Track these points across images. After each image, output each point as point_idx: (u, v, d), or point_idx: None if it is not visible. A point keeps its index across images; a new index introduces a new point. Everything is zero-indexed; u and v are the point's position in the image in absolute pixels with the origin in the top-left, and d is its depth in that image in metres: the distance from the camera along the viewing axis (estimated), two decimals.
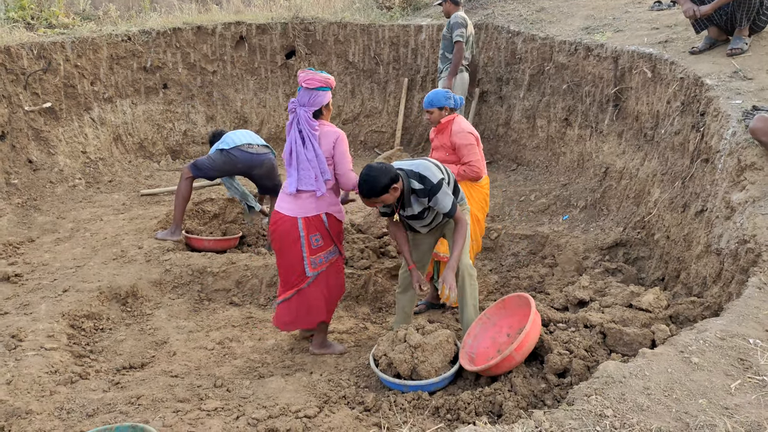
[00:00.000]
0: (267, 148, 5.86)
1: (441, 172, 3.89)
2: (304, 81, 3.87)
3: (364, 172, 3.66)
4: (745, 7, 4.94)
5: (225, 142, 5.71)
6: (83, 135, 7.52)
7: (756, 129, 3.74)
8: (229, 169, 5.77)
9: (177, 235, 5.78)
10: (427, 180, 3.75)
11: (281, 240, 4.01)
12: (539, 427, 2.38)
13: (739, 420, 2.33)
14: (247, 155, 5.66)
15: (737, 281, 3.50)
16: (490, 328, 3.74)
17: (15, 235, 5.87)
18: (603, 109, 6.24)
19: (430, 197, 3.78)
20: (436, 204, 3.80)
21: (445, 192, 3.78)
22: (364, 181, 3.64)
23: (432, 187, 3.74)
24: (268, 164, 5.79)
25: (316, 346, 4.28)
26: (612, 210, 5.70)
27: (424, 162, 3.89)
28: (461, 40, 7.22)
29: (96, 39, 7.67)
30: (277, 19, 9.04)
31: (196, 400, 3.45)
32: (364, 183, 3.64)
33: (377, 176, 3.62)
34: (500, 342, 3.64)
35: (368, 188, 3.64)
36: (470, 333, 3.76)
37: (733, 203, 3.81)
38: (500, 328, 3.70)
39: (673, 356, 2.76)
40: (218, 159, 5.68)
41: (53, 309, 4.44)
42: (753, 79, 4.67)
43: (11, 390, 3.45)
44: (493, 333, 3.71)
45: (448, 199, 3.80)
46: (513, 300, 3.69)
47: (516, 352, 3.22)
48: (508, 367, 3.30)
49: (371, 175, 3.63)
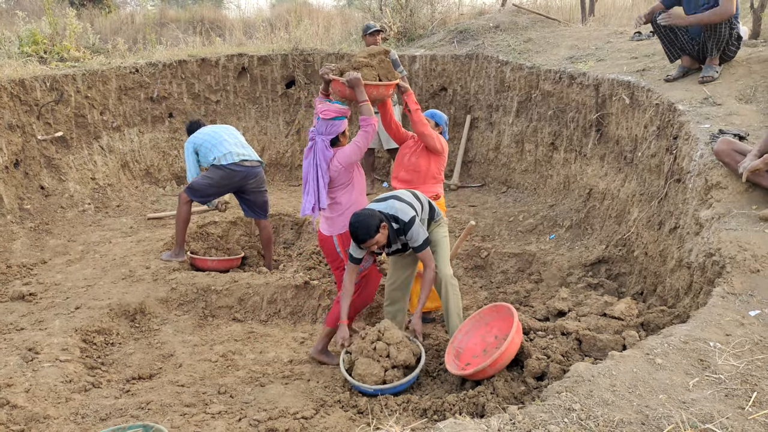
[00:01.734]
0: (258, 162, 6.12)
1: (412, 207, 4.17)
2: (321, 112, 4.32)
3: (352, 220, 3.95)
4: (715, 38, 5.28)
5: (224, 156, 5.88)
6: (93, 162, 7.85)
7: (719, 151, 4.04)
8: (226, 184, 5.96)
9: (181, 256, 6.06)
10: (400, 220, 4.08)
11: (328, 255, 4.62)
12: (513, 420, 2.63)
13: (694, 412, 2.58)
14: (243, 169, 5.92)
15: (705, 292, 3.76)
16: (481, 327, 4.03)
17: (28, 257, 6.16)
18: (586, 134, 6.57)
19: (406, 233, 4.09)
20: (410, 238, 4.11)
21: (418, 227, 4.09)
22: (357, 228, 3.92)
23: (405, 225, 4.07)
24: (260, 177, 6.09)
25: (316, 350, 4.56)
26: (596, 229, 5.99)
27: (395, 203, 4.16)
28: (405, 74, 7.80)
29: (105, 71, 8.04)
30: (277, 51, 9.43)
31: (202, 405, 3.71)
32: (358, 229, 3.92)
33: (366, 220, 3.93)
34: (488, 342, 3.91)
35: (364, 232, 3.91)
36: (462, 328, 4.05)
37: (701, 220, 4.08)
38: (491, 328, 3.98)
39: (639, 358, 3.01)
40: (216, 175, 5.89)
41: (66, 325, 4.71)
42: (722, 104, 5.00)
43: (30, 397, 3.71)
44: (484, 332, 4.00)
45: (421, 235, 4.10)
46: (504, 308, 3.96)
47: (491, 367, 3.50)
48: (489, 374, 3.57)
49: (360, 220, 3.93)
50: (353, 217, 3.98)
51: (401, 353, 3.93)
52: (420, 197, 4.36)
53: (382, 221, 3.99)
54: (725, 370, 2.84)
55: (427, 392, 3.85)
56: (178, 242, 6.08)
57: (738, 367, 2.84)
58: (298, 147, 9.45)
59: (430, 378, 4.08)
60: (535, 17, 9.63)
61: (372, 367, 3.86)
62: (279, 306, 5.52)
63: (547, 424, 2.55)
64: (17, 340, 4.43)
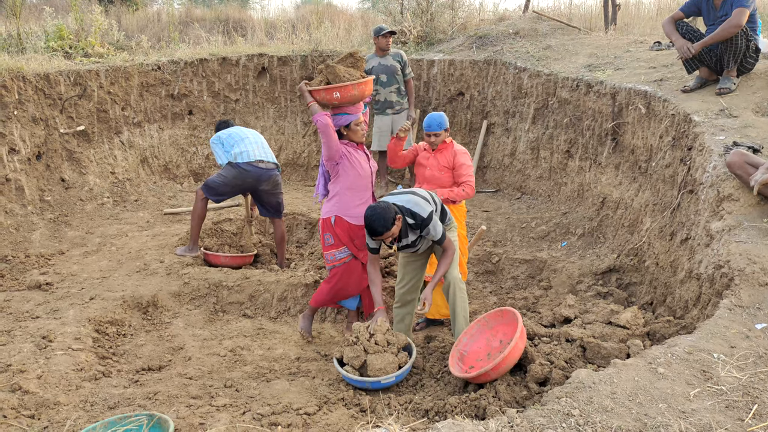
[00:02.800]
0: (275, 165, 6.19)
1: (429, 203, 4.25)
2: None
3: (368, 213, 4.02)
4: (732, 50, 5.26)
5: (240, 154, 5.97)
6: (113, 157, 7.99)
7: (732, 163, 4.03)
8: (239, 184, 6.03)
9: (194, 251, 6.15)
10: (418, 216, 4.13)
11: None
12: (511, 423, 2.65)
13: (693, 422, 2.58)
14: (257, 170, 5.99)
15: (713, 303, 3.75)
16: (486, 331, 4.06)
17: (47, 247, 6.29)
18: (602, 143, 6.56)
19: (422, 229, 4.14)
20: (428, 234, 4.17)
21: (435, 222, 4.15)
22: (373, 221, 3.98)
23: (423, 221, 4.12)
24: (274, 180, 6.14)
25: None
26: (608, 238, 5.97)
27: (413, 197, 4.23)
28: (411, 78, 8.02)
29: (128, 68, 8.19)
30: (297, 52, 9.52)
31: (208, 398, 3.78)
32: (375, 222, 3.98)
33: (383, 213, 3.98)
34: (492, 346, 3.94)
35: (381, 224, 3.97)
36: (467, 332, 4.09)
37: (712, 231, 4.07)
38: (495, 332, 4.02)
39: (641, 366, 3.01)
40: (229, 174, 5.97)
41: (80, 315, 4.80)
42: (738, 116, 4.97)
43: (41, 384, 3.80)
44: (489, 336, 4.03)
45: (439, 228, 4.18)
46: (509, 313, 3.99)
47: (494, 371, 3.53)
48: (492, 377, 3.59)
49: (377, 212, 3.99)
50: (369, 210, 4.04)
51: (398, 336, 4.20)
52: (435, 198, 4.43)
53: (397, 213, 4.06)
54: (727, 381, 2.83)
55: (430, 393, 3.88)
56: (192, 238, 6.17)
57: (740, 380, 2.83)
58: (315, 147, 9.52)
59: (434, 380, 4.11)
60: (556, 24, 9.61)
61: (386, 358, 4.00)
62: (289, 304, 5.58)
63: (545, 428, 2.57)
64: (32, 328, 4.54)
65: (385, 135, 8.02)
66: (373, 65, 7.78)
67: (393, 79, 7.83)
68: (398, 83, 7.86)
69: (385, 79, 7.81)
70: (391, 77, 7.82)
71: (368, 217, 4.02)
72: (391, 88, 7.86)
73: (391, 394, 3.94)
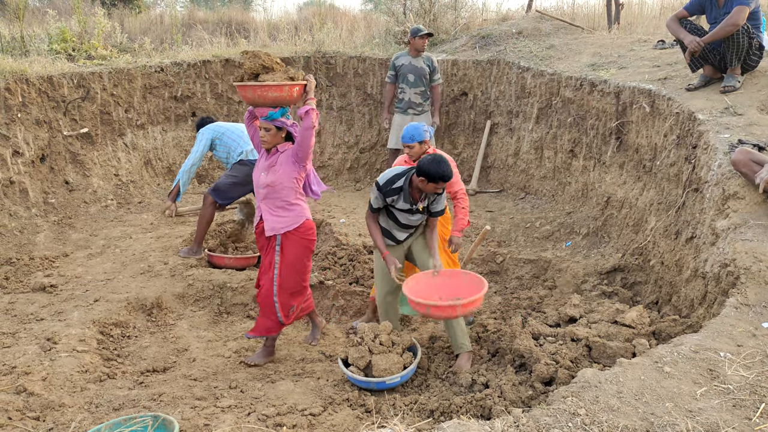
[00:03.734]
0: None
1: None
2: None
3: (437, 161, 3.96)
4: (734, 48, 5.24)
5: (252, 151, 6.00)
6: (116, 159, 8.00)
7: (737, 161, 4.01)
8: (250, 182, 5.98)
9: (198, 253, 6.14)
10: None
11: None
12: (517, 423, 2.64)
13: (700, 421, 2.57)
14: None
15: (719, 302, 3.73)
16: (431, 280, 4.26)
17: (51, 249, 6.30)
18: (606, 142, 6.54)
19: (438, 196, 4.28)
20: (437, 200, 4.26)
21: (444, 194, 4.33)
22: (446, 167, 3.97)
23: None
24: None
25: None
26: (613, 237, 5.95)
27: None
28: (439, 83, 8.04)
29: (131, 70, 8.20)
30: (300, 53, 9.52)
31: (212, 399, 3.77)
32: (447, 168, 3.97)
33: (446, 161, 4.03)
34: (439, 295, 4.14)
35: (450, 171, 4.01)
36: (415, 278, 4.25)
37: (718, 230, 4.05)
38: (448, 288, 4.19)
39: (647, 366, 3.00)
40: (240, 172, 5.98)
41: (85, 317, 4.81)
42: (743, 114, 4.95)
43: (46, 386, 3.80)
44: (433, 285, 4.21)
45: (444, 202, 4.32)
46: (474, 278, 4.15)
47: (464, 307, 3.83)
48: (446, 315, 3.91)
49: (443, 160, 4.00)
50: (436, 160, 3.97)
51: (402, 337, 4.20)
52: None
53: None
54: (734, 380, 2.82)
55: (435, 393, 3.87)
56: (197, 240, 6.17)
57: (747, 378, 2.82)
58: (317, 149, 9.53)
59: (439, 380, 4.10)
60: (559, 24, 9.60)
61: (390, 359, 3.99)
62: None
63: (551, 428, 2.56)
64: (37, 330, 4.54)
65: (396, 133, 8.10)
66: (404, 63, 7.90)
67: (420, 81, 7.90)
68: (424, 86, 7.93)
69: (413, 79, 7.88)
70: (419, 79, 7.89)
71: (439, 163, 3.97)
72: (417, 90, 7.92)
73: (396, 394, 3.93)
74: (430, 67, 7.89)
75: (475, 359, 4.26)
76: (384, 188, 4.21)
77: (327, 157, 9.55)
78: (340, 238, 6.51)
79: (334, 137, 9.57)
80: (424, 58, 7.89)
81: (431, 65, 7.90)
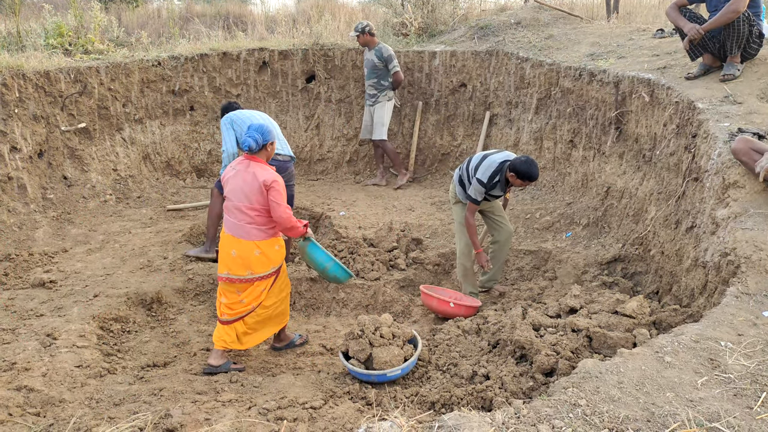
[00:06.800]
0: (290, 157, 6.11)
1: None
2: None
3: (530, 162, 4.89)
4: (734, 36, 5.21)
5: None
6: (114, 154, 7.98)
7: (737, 149, 3.99)
8: None
9: (211, 252, 5.97)
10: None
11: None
12: (518, 413, 2.63)
13: (701, 410, 2.56)
14: (277, 163, 5.90)
15: (719, 291, 3.72)
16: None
17: (50, 245, 6.29)
18: (605, 132, 6.51)
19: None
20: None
21: None
22: (537, 169, 4.91)
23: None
24: (290, 171, 6.09)
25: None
26: (613, 227, 5.94)
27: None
28: (398, 70, 8.39)
29: (128, 64, 8.16)
30: (298, 46, 9.48)
31: (213, 393, 3.77)
32: (537, 170, 4.91)
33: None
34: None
35: (537, 174, 4.94)
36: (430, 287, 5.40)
37: (718, 219, 4.03)
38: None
39: (648, 356, 2.99)
40: None
41: (84, 312, 4.80)
42: (742, 103, 4.92)
43: (47, 381, 3.80)
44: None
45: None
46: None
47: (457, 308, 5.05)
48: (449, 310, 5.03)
49: (536, 165, 4.92)
50: (529, 161, 4.89)
51: (402, 329, 4.22)
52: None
53: None
54: (735, 369, 2.81)
55: (436, 386, 3.86)
56: (209, 237, 6.02)
57: (749, 367, 2.81)
58: (317, 142, 9.50)
59: (440, 372, 4.09)
60: (557, 14, 9.54)
61: (391, 351, 4.00)
62: (294, 298, 5.57)
63: (551, 418, 2.55)
64: (36, 326, 4.54)
65: (367, 126, 8.71)
66: (364, 59, 8.64)
67: (372, 74, 8.46)
68: (377, 77, 8.42)
69: (366, 72, 8.54)
70: (371, 72, 8.46)
71: (531, 165, 4.86)
72: (370, 82, 8.54)
73: (397, 386, 3.94)
74: (381, 58, 8.29)
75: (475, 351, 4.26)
76: (488, 185, 5.01)
77: (326, 150, 9.53)
78: (340, 231, 6.50)
79: (333, 130, 9.54)
80: (375, 50, 8.34)
81: (381, 56, 8.30)
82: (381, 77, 8.43)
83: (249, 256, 4.30)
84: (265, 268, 4.38)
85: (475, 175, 5.07)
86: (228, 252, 4.34)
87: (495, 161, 5.03)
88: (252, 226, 4.30)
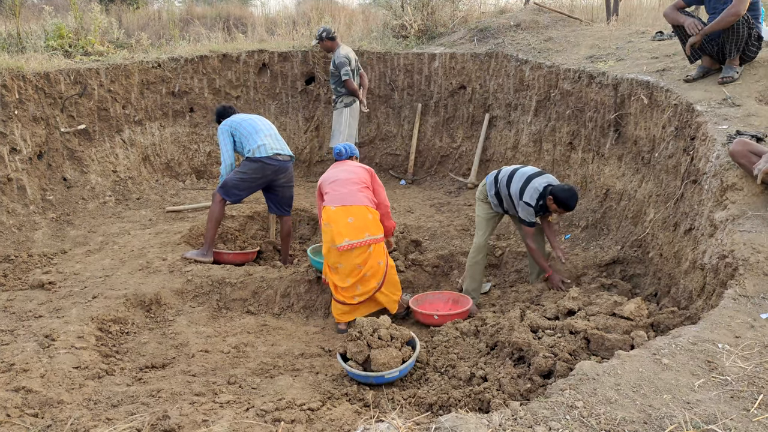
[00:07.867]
0: (290, 157, 6.12)
1: None
2: None
3: (574, 190, 4.98)
4: (734, 39, 5.21)
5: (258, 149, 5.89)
6: (114, 155, 7.99)
7: (735, 152, 3.99)
8: (258, 177, 5.94)
9: (209, 256, 5.96)
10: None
11: None
12: (515, 415, 2.64)
13: (698, 412, 2.56)
14: (276, 163, 5.91)
15: (717, 294, 3.72)
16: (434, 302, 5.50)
17: (49, 246, 6.30)
18: (604, 134, 6.52)
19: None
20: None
21: None
22: (576, 201, 4.98)
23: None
24: (290, 172, 6.10)
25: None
26: (612, 229, 5.94)
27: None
28: (348, 77, 8.16)
29: (128, 65, 8.17)
30: (298, 48, 9.50)
31: (211, 394, 3.77)
32: (575, 202, 4.98)
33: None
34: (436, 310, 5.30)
35: (575, 206, 5.03)
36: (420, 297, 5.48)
37: (716, 221, 4.03)
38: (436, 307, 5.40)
39: (645, 358, 2.99)
40: (249, 169, 5.88)
41: (83, 313, 4.80)
42: (741, 105, 4.93)
43: (45, 383, 3.79)
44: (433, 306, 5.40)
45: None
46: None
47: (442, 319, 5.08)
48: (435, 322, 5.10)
49: (577, 197, 4.99)
50: (572, 188, 4.98)
51: (401, 331, 4.24)
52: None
53: None
54: (732, 371, 2.81)
55: (434, 387, 3.87)
56: (207, 241, 6.01)
57: (746, 370, 2.81)
58: (316, 143, 9.52)
59: (438, 374, 4.09)
60: (557, 16, 9.56)
61: (389, 353, 4.01)
62: (292, 300, 5.57)
63: (548, 420, 2.55)
64: (35, 327, 4.54)
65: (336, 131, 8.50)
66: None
67: (331, 78, 8.46)
68: (334, 83, 8.40)
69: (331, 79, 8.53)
70: (330, 76, 8.49)
71: (574, 195, 4.95)
72: (332, 87, 8.54)
73: (395, 388, 3.94)
74: (334, 64, 8.24)
75: (473, 352, 4.27)
76: (536, 208, 5.11)
77: (326, 152, 9.54)
78: None
79: None
80: (335, 57, 8.24)
81: (334, 62, 8.25)
82: (338, 83, 8.31)
83: (365, 218, 4.96)
84: (379, 230, 5.05)
85: (522, 199, 5.13)
86: (344, 222, 4.91)
87: (540, 185, 5.09)
88: (363, 194, 5.03)
